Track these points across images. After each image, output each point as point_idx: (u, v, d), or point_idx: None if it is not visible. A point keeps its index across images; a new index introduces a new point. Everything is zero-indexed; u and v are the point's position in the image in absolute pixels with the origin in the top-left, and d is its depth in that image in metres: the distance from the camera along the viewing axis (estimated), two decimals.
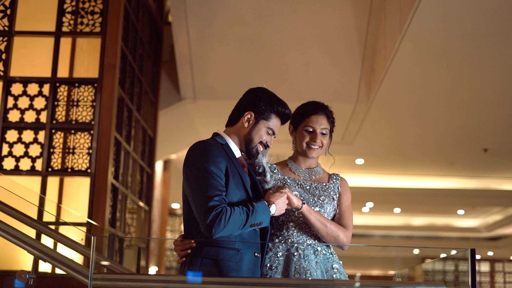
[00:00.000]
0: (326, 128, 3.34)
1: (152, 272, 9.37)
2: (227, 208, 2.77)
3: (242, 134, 3.04)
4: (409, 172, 14.68)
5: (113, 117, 5.84)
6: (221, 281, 2.86)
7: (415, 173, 14.73)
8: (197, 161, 2.85)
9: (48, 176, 5.78)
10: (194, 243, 2.91)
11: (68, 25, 6.07)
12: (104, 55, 5.93)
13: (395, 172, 14.97)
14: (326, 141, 3.36)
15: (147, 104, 7.68)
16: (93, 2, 6.10)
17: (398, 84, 7.50)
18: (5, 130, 5.85)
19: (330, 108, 3.45)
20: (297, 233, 3.23)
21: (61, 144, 5.84)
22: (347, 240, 3.25)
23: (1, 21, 6.07)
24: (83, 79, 5.99)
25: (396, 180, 15.62)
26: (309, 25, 7.46)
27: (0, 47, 6.01)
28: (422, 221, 21.91)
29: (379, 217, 21.05)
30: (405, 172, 14.75)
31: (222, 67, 8.11)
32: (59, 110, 5.91)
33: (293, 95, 8.11)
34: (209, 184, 2.80)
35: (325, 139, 3.34)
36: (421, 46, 6.48)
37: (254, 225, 2.87)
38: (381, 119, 8.86)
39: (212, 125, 2.98)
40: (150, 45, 7.73)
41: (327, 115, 3.38)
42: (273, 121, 3.06)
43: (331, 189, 3.34)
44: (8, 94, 5.92)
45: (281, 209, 3.02)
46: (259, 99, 3.05)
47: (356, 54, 7.66)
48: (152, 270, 9.00)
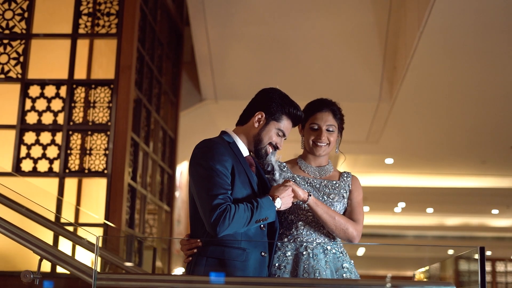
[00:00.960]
0: (332, 125, 3.29)
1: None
2: (231, 205, 2.74)
3: (252, 134, 3.01)
4: (440, 171, 14.48)
5: (129, 118, 5.84)
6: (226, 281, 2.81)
7: (447, 172, 14.53)
8: (203, 160, 2.82)
9: (66, 177, 5.81)
10: (200, 243, 2.88)
11: (84, 27, 6.10)
12: (120, 56, 5.95)
13: (426, 172, 14.77)
14: (334, 138, 3.30)
15: (167, 105, 7.68)
16: (109, 3, 6.12)
17: (420, 82, 7.38)
18: (23, 132, 5.90)
19: (337, 105, 3.39)
20: (306, 232, 3.19)
21: (78, 146, 5.87)
22: (357, 234, 3.17)
23: (18, 24, 6.12)
24: (99, 80, 6.01)
25: (427, 180, 15.42)
26: (328, 22, 7.38)
27: (17, 50, 6.06)
28: (456, 221, 21.58)
29: (411, 217, 20.80)
30: (436, 171, 14.56)
31: (242, 67, 8.08)
32: (76, 111, 5.94)
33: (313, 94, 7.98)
34: (214, 183, 2.77)
35: (332, 136, 3.29)
36: (441, 42, 6.37)
37: (259, 221, 2.83)
38: (406, 117, 8.74)
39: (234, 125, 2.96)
40: (169, 46, 7.74)
41: (333, 112, 3.32)
42: (284, 122, 3.02)
43: (341, 187, 3.28)
44: (26, 96, 5.97)
45: (287, 202, 2.97)
46: (271, 99, 3.02)
47: (377, 52, 7.56)
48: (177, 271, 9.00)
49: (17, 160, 5.83)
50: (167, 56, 7.65)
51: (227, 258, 2.84)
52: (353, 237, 3.17)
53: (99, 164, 5.81)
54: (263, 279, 2.93)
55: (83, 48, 6.20)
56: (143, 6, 6.43)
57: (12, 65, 6.04)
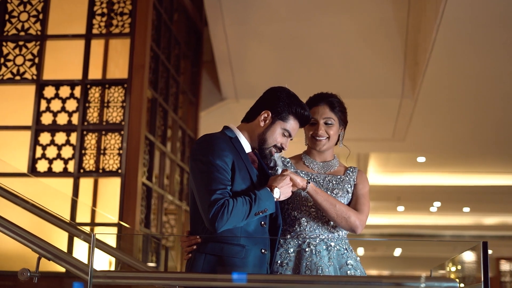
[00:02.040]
0: (330, 117, 3.22)
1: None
2: (229, 200, 2.70)
3: (257, 133, 2.96)
4: (473, 169, 14.23)
5: (142, 117, 5.83)
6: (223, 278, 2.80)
7: (480, 170, 14.27)
8: (202, 155, 2.78)
9: (80, 177, 5.83)
10: (200, 239, 2.85)
11: (98, 27, 6.11)
12: (133, 56, 5.94)
13: (460, 170, 14.53)
14: (333, 131, 3.23)
15: (186, 105, 7.66)
16: (123, 3, 6.13)
17: (442, 76, 7.23)
18: (38, 132, 5.94)
19: (337, 98, 3.32)
20: (309, 228, 3.12)
21: (92, 146, 5.88)
22: (360, 224, 3.07)
23: (33, 25, 6.17)
24: (113, 80, 6.02)
25: (461, 178, 15.16)
26: (347, 19, 7.28)
27: (33, 52, 6.11)
28: (494, 220, 21.17)
29: (448, 216, 20.47)
30: (469, 169, 14.31)
31: (262, 65, 8.03)
32: (90, 111, 5.96)
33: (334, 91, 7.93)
34: (213, 178, 2.73)
35: (331, 130, 3.22)
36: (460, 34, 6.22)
37: (258, 213, 2.78)
38: (430, 114, 8.57)
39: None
40: (188, 45, 7.72)
41: (330, 105, 3.25)
42: (291, 122, 2.96)
43: (346, 181, 3.21)
44: (41, 97, 6.01)
45: (286, 192, 2.91)
46: (278, 98, 2.96)
47: (398, 47, 7.42)
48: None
49: (33, 161, 5.87)
50: (185, 55, 7.63)
51: (225, 255, 2.80)
52: (355, 226, 3.07)
53: (113, 164, 5.82)
54: (260, 276, 2.87)
55: (99, 48, 6.22)
56: (157, 6, 6.42)
57: (28, 67, 6.08)
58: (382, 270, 25.01)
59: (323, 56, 7.77)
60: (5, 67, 6.11)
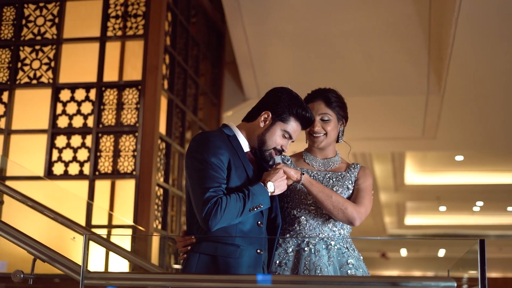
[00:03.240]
0: (326, 113, 3.13)
1: None
2: (222, 198, 2.65)
3: (257, 134, 2.91)
4: None
5: (156, 119, 5.82)
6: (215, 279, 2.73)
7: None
8: (198, 152, 2.75)
9: (96, 179, 5.85)
10: (195, 239, 2.81)
11: (112, 30, 6.12)
12: (147, 57, 5.93)
13: (501, 168, 14.22)
14: (331, 127, 3.14)
15: (208, 106, 7.63)
16: (136, 5, 6.13)
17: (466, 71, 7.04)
18: (55, 136, 5.98)
19: (335, 93, 3.23)
20: (309, 227, 3.05)
21: (107, 148, 5.89)
22: (357, 216, 2.97)
23: (49, 29, 6.21)
24: (127, 82, 6.02)
25: (503, 176, 14.82)
26: (367, 15, 7.14)
27: (49, 55, 6.16)
28: None
29: (492, 216, 20.03)
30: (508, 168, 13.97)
31: (283, 65, 7.95)
32: (105, 114, 5.97)
33: (357, 89, 7.83)
34: (208, 176, 2.69)
35: (328, 126, 3.13)
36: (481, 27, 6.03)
37: (253, 209, 2.73)
38: (459, 110, 8.36)
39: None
40: (208, 46, 7.69)
41: (325, 100, 3.16)
42: (291, 124, 2.90)
43: (346, 178, 3.12)
44: (57, 100, 6.05)
45: (280, 185, 2.85)
46: (279, 99, 2.91)
47: (421, 43, 7.24)
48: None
49: (49, 164, 5.90)
50: (206, 56, 7.60)
51: (219, 255, 2.75)
52: (353, 217, 2.97)
53: (128, 166, 5.82)
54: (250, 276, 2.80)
55: (115, 50, 6.23)
56: (173, 7, 6.40)
57: (44, 70, 6.13)
58: (426, 271, 24.64)
59: (345, 53, 7.65)
60: (22, 71, 6.17)
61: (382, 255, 22.46)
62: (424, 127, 9.10)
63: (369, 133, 9.55)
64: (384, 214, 18.62)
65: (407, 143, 10.11)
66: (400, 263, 24.04)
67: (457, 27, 5.89)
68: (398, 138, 9.72)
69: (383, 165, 13.50)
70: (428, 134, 9.36)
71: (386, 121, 9.06)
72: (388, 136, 9.62)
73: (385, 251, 22.64)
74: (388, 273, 22.72)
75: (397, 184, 15.23)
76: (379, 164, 13.30)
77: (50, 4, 6.27)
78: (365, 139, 9.83)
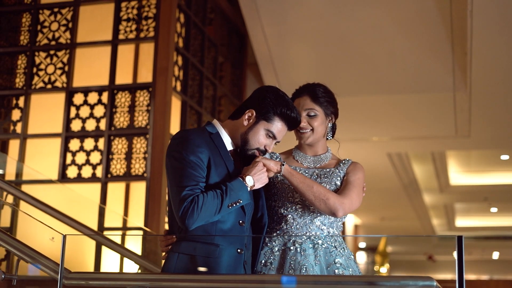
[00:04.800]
0: (312, 109, 3.03)
1: None
2: (199, 196, 2.61)
3: (240, 132, 2.84)
4: None
5: (166, 120, 5.81)
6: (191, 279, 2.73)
7: None
8: (176, 151, 2.71)
9: (108, 182, 5.87)
10: (175, 238, 2.77)
11: (124, 33, 6.15)
12: (157, 59, 5.94)
13: None
14: (318, 122, 3.04)
15: (228, 107, 7.59)
16: (147, 7, 6.14)
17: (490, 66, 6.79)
18: (68, 139, 6.04)
19: (321, 87, 3.12)
20: (296, 226, 2.97)
21: (119, 150, 5.91)
22: (340, 206, 2.85)
23: (63, 34, 6.28)
24: (139, 85, 6.04)
25: None
26: (387, 11, 6.98)
27: (63, 60, 6.22)
28: None
29: None
30: None
31: (305, 64, 7.85)
32: (117, 116, 6.00)
33: (381, 87, 7.68)
34: (186, 174, 2.65)
35: (314, 121, 3.03)
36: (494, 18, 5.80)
37: (232, 204, 2.67)
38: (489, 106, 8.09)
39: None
40: (229, 47, 7.66)
41: (311, 95, 3.06)
42: (275, 124, 2.82)
43: (335, 174, 3.02)
44: (71, 104, 6.11)
45: (260, 179, 2.78)
46: (264, 98, 2.84)
47: (444, 38, 7.02)
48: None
49: (63, 167, 5.96)
50: (226, 58, 7.57)
51: (198, 254, 2.70)
52: (335, 208, 2.85)
53: (139, 168, 5.82)
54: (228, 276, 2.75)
55: (129, 53, 6.25)
56: (185, 8, 6.39)
57: (58, 75, 6.20)
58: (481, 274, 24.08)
59: (366, 51, 7.50)
60: (37, 76, 6.26)
61: (429, 258, 22.05)
62: (456, 125, 8.85)
63: (402, 132, 9.37)
64: (431, 216, 18.25)
65: (440, 142, 9.86)
66: (451, 266, 23.50)
67: (473, 20, 5.69)
68: (430, 137, 9.48)
69: (424, 166, 13.21)
70: (462, 132, 9.10)
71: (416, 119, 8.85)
72: (420, 135, 9.40)
73: (432, 253, 22.22)
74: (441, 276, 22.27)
75: (441, 185, 14.88)
76: (418, 164, 13.03)
77: (64, 9, 6.34)
78: (397, 138, 9.65)
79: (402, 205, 15.86)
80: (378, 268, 20.30)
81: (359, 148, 10.01)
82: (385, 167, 11.57)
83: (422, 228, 18.99)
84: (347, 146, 10.56)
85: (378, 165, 11.43)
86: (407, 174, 12.89)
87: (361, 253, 22.06)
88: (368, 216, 18.20)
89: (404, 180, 13.22)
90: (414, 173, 13.21)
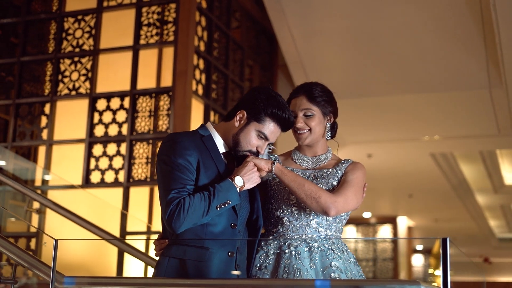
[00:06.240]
0: (309, 109, 2.96)
1: None
2: (185, 198, 2.59)
3: (231, 133, 2.80)
4: None
5: (186, 124, 5.80)
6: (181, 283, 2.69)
7: None
8: (165, 154, 2.69)
9: (130, 187, 5.91)
10: (167, 242, 2.76)
11: (145, 38, 6.18)
12: (176, 63, 5.94)
13: None
14: (315, 123, 2.97)
15: None
16: (167, 12, 6.16)
17: None
18: (92, 145, 6.10)
19: (319, 87, 3.04)
20: (292, 228, 2.91)
21: (141, 155, 5.94)
22: (332, 204, 2.77)
23: (87, 41, 6.36)
24: (160, 89, 6.05)
25: None
26: (416, 8, 6.79)
27: (86, 66, 6.30)
28: None
29: None
30: None
31: (334, 63, 7.72)
32: (138, 121, 6.03)
33: (412, 86, 7.49)
34: (173, 178, 2.63)
35: (312, 121, 2.96)
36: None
37: (220, 206, 2.63)
38: None
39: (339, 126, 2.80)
40: (257, 49, 7.61)
41: (308, 95, 2.99)
42: (267, 125, 2.77)
43: (332, 175, 2.95)
44: (94, 110, 6.18)
45: (251, 179, 2.73)
46: (255, 98, 2.79)
47: (475, 33, 6.79)
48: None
49: (87, 172, 6.03)
50: (255, 60, 7.52)
51: (188, 258, 2.68)
52: (327, 207, 2.77)
53: None
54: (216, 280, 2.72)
55: (152, 57, 6.28)
56: (206, 11, 6.37)
57: (82, 81, 6.28)
58: None
59: (395, 49, 7.32)
60: (62, 83, 6.35)
61: (485, 260, 21.48)
62: (498, 123, 8.56)
63: (443, 132, 9.14)
64: (488, 218, 17.75)
65: (484, 141, 9.57)
66: (510, 269, 22.81)
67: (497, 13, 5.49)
68: (472, 136, 9.21)
69: (473, 166, 12.84)
70: (505, 131, 8.80)
71: (455, 119, 8.61)
72: (461, 135, 9.14)
73: (488, 256, 21.64)
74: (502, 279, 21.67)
75: (495, 185, 14.46)
76: (466, 164, 12.67)
77: (88, 16, 6.42)
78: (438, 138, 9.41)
79: (455, 206, 15.48)
80: (433, 271, 19.88)
81: (400, 149, 9.80)
82: (429, 167, 11.30)
83: (479, 230, 18.50)
84: (386, 147, 10.45)
85: (422, 166, 11.18)
86: (455, 174, 12.58)
87: (417, 256, 21.67)
88: (421, 218, 17.87)
89: (453, 181, 12.89)
90: (462, 173, 12.87)
